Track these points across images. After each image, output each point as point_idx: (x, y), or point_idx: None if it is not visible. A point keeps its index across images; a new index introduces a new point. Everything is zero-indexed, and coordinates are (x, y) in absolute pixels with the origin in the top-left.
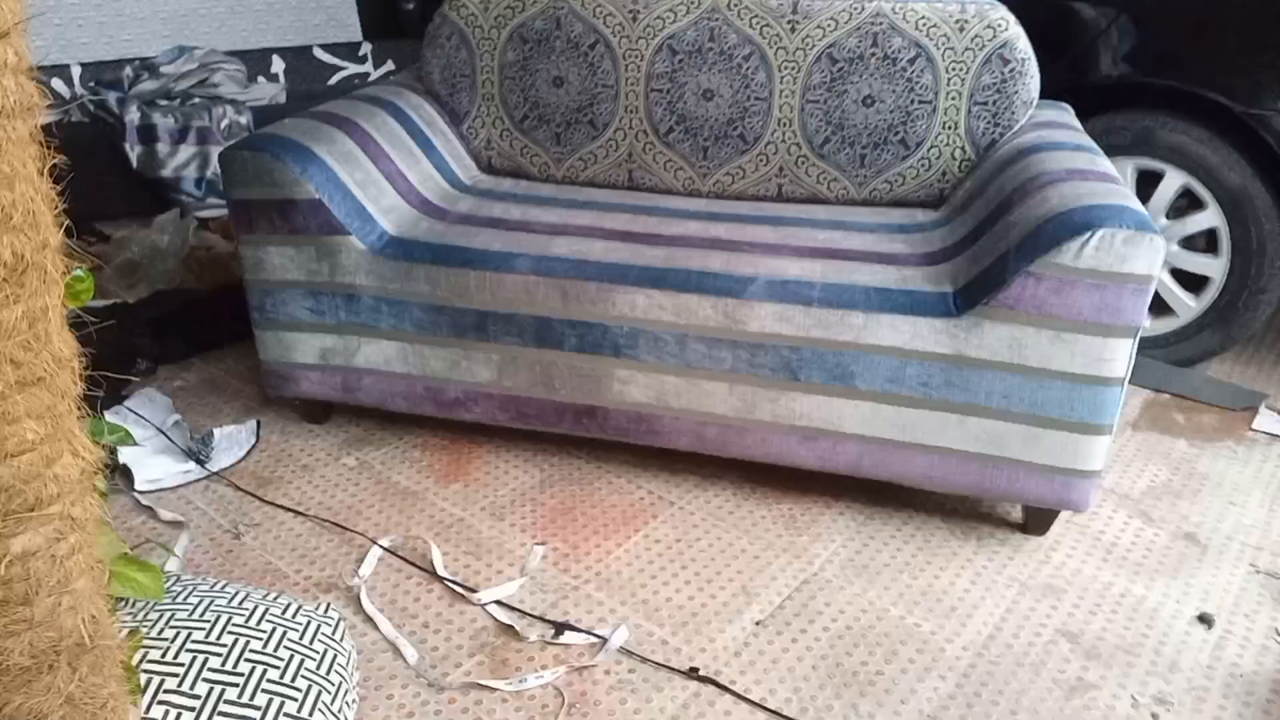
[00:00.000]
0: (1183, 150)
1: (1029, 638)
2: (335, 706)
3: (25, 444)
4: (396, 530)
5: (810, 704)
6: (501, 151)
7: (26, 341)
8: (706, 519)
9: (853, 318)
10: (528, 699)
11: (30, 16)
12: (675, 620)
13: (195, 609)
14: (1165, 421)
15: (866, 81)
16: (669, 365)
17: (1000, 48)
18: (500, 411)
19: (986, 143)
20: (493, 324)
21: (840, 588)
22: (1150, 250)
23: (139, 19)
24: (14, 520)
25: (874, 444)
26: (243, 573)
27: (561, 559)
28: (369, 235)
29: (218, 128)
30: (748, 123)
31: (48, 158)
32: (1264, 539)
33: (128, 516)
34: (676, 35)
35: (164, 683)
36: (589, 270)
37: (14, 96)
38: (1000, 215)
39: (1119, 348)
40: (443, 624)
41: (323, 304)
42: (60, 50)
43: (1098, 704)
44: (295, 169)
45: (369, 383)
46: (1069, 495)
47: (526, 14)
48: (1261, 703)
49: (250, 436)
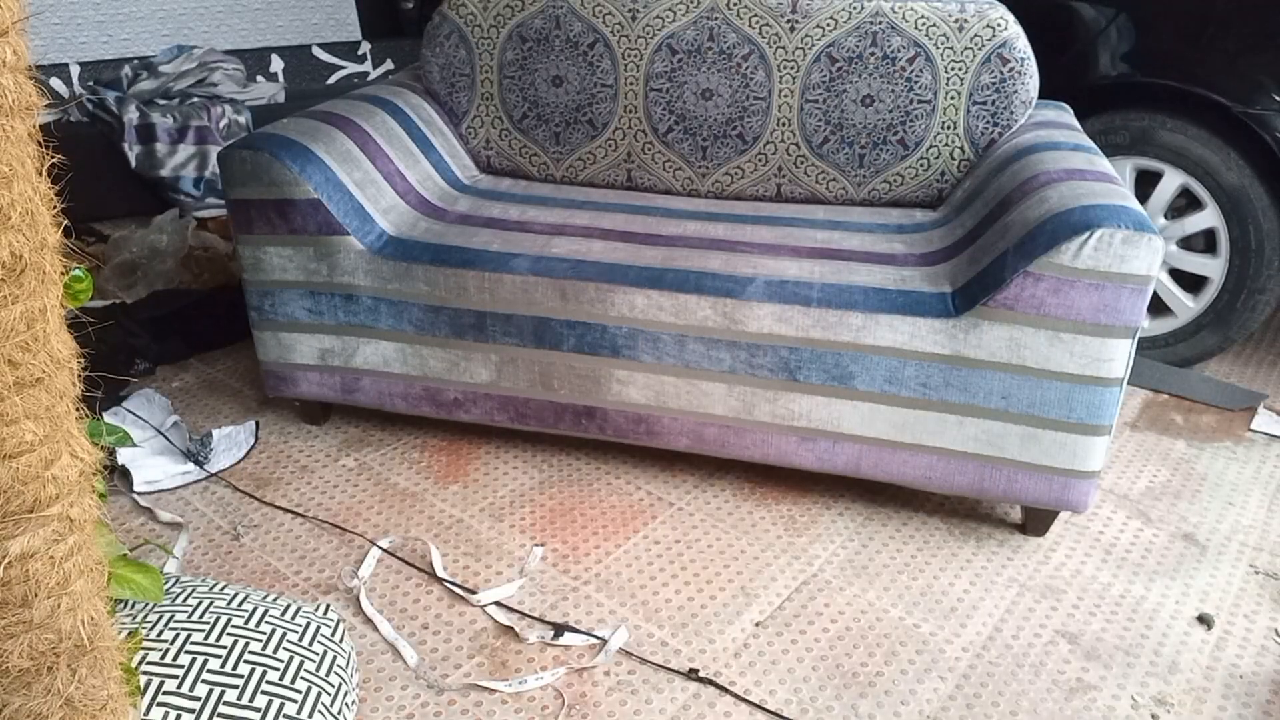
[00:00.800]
0: (1182, 150)
1: (1029, 638)
2: (335, 708)
3: (24, 445)
4: (395, 531)
5: (810, 705)
6: (500, 151)
7: (25, 342)
8: (706, 520)
9: (851, 318)
10: (527, 700)
11: (29, 15)
12: (675, 621)
13: (194, 610)
14: (1164, 422)
15: (866, 81)
16: (668, 366)
17: (999, 47)
18: (499, 412)
19: (985, 142)
20: (491, 324)
21: (840, 588)
22: (1149, 250)
23: (138, 18)
24: (13, 522)
25: (873, 444)
26: (242, 574)
27: (561, 560)
28: (367, 235)
29: (216, 127)
30: (747, 122)
31: (46, 157)
32: (1263, 539)
33: (126, 518)
34: (676, 35)
35: (163, 684)
36: (588, 270)
37: (12, 95)
38: (999, 215)
39: (1117, 348)
40: (442, 625)
41: (321, 304)
42: (59, 49)
43: (1097, 704)
44: (294, 169)
45: (368, 383)
46: (1068, 496)
47: (525, 13)
48: (1261, 703)
49: (249, 437)
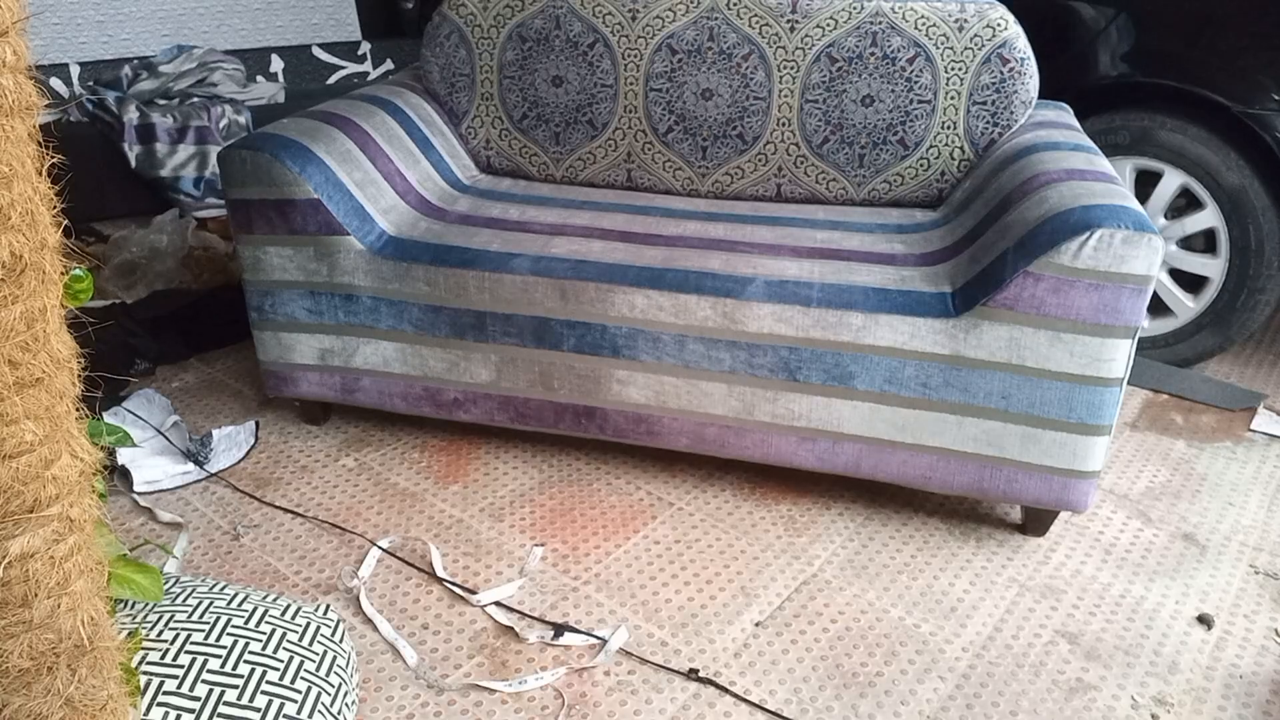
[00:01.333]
0: (1181, 150)
1: (1028, 639)
2: (335, 708)
3: (24, 445)
4: (395, 531)
5: (810, 705)
6: (500, 151)
7: (25, 342)
8: (706, 520)
9: (851, 318)
10: (527, 700)
11: (29, 15)
12: (675, 621)
13: (194, 610)
14: (1164, 422)
15: (865, 81)
16: (668, 366)
17: (999, 47)
18: (499, 412)
19: (985, 143)
20: (491, 324)
21: (840, 589)
22: (1149, 250)
23: (138, 18)
24: (12, 522)
25: (873, 444)
26: (242, 574)
27: (561, 560)
28: (367, 235)
29: (216, 127)
30: (747, 122)
31: (46, 157)
32: (1263, 539)
33: (126, 518)
34: (676, 35)
35: (163, 684)
36: (588, 270)
37: (12, 96)
38: (999, 215)
39: (1117, 348)
40: (442, 625)
41: (321, 304)
42: (59, 49)
43: (1097, 705)
44: (294, 169)
45: (368, 383)
46: (1068, 496)
47: (525, 13)
48: (1261, 703)
49: (249, 437)
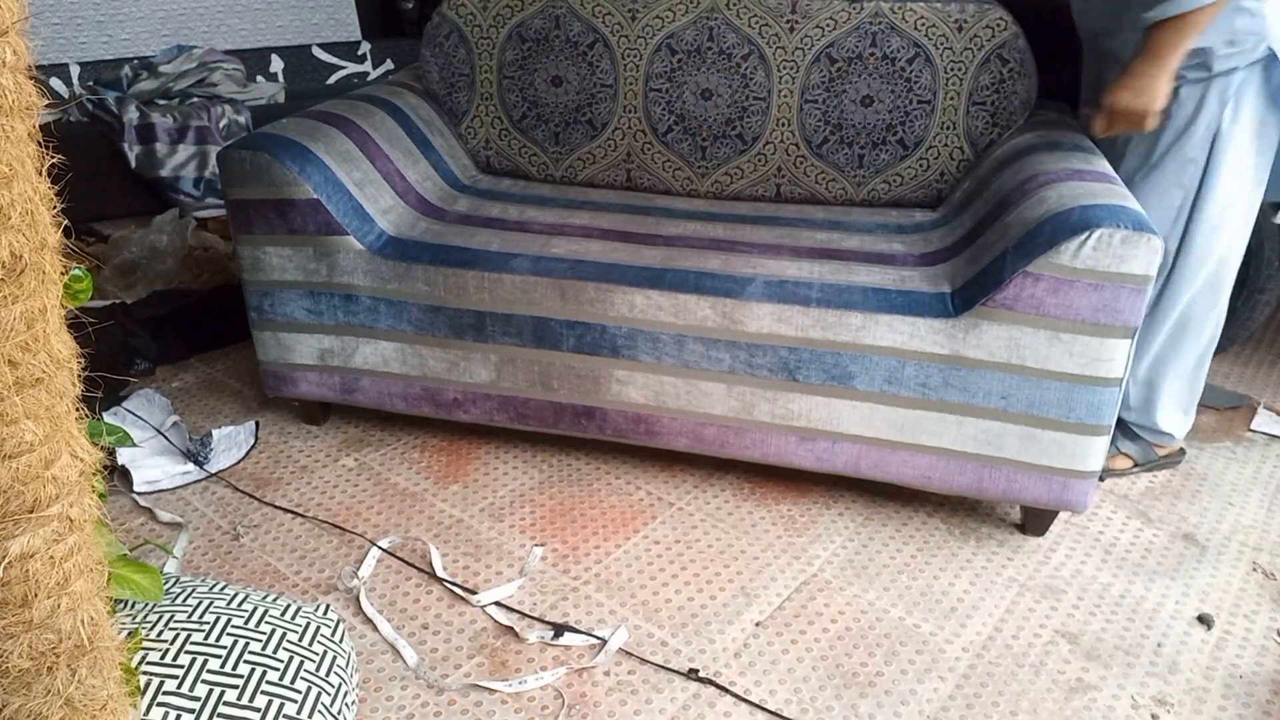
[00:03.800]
0: None
1: (1028, 638)
2: (335, 708)
3: (24, 445)
4: (395, 531)
5: (810, 705)
6: (500, 151)
7: (25, 342)
8: (705, 520)
9: (851, 318)
10: (527, 700)
11: (29, 15)
12: (675, 621)
13: (194, 610)
14: None
15: (865, 81)
16: (667, 366)
17: (999, 48)
18: (498, 412)
19: (985, 143)
20: (491, 324)
21: (840, 589)
22: (1148, 250)
23: (138, 18)
24: (12, 522)
25: (872, 444)
26: (242, 574)
27: (560, 560)
28: (367, 235)
29: (216, 127)
30: (746, 122)
31: (46, 157)
32: (1263, 539)
33: (126, 518)
34: (675, 35)
35: (163, 684)
36: (587, 270)
37: (12, 96)
38: (998, 215)
39: (1117, 348)
40: (442, 625)
41: (321, 304)
42: (59, 49)
43: (1097, 705)
44: (293, 169)
45: (367, 383)
46: (1067, 495)
47: (525, 13)
48: (1261, 703)
49: (249, 437)
